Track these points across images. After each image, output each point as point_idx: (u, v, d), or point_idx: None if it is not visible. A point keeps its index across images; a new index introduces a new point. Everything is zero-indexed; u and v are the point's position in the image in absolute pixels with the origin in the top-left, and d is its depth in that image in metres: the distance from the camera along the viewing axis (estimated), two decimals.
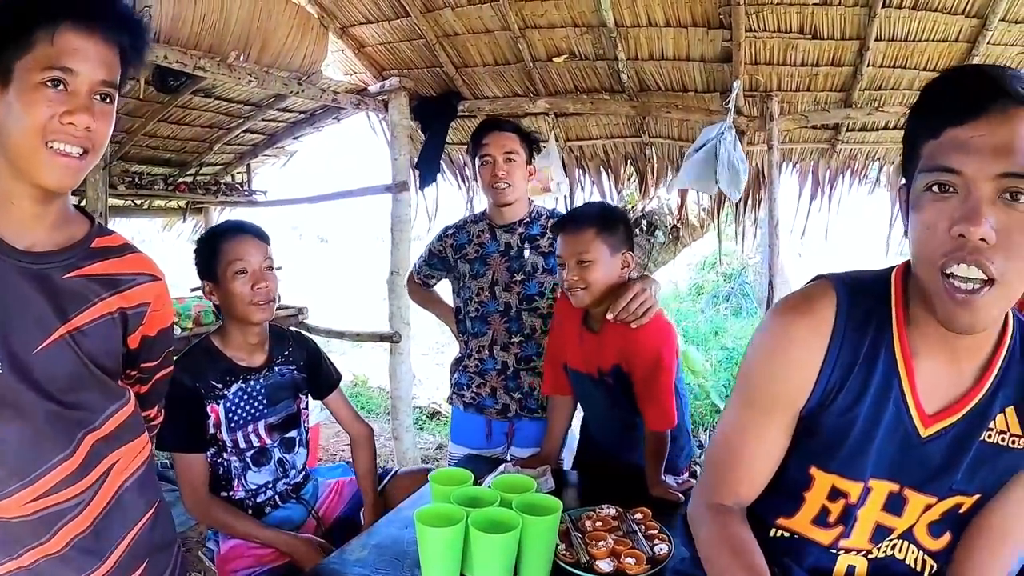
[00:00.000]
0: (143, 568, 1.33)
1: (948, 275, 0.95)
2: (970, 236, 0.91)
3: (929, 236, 0.97)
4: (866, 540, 1.15)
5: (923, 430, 1.09)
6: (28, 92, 1.09)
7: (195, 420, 2.04)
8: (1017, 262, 0.92)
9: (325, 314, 7.87)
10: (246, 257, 2.07)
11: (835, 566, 1.17)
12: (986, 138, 0.92)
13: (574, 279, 2.06)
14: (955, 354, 1.08)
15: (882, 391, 1.09)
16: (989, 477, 1.10)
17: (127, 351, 1.34)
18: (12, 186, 1.15)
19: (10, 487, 1.16)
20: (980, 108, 0.93)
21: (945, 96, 0.98)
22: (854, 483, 1.13)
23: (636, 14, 3.81)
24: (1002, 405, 1.08)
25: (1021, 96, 0.93)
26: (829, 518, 1.16)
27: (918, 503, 1.11)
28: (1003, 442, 1.08)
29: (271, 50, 4.05)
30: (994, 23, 3.42)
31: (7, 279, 1.15)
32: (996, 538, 1.11)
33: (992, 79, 0.94)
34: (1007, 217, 0.92)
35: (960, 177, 0.93)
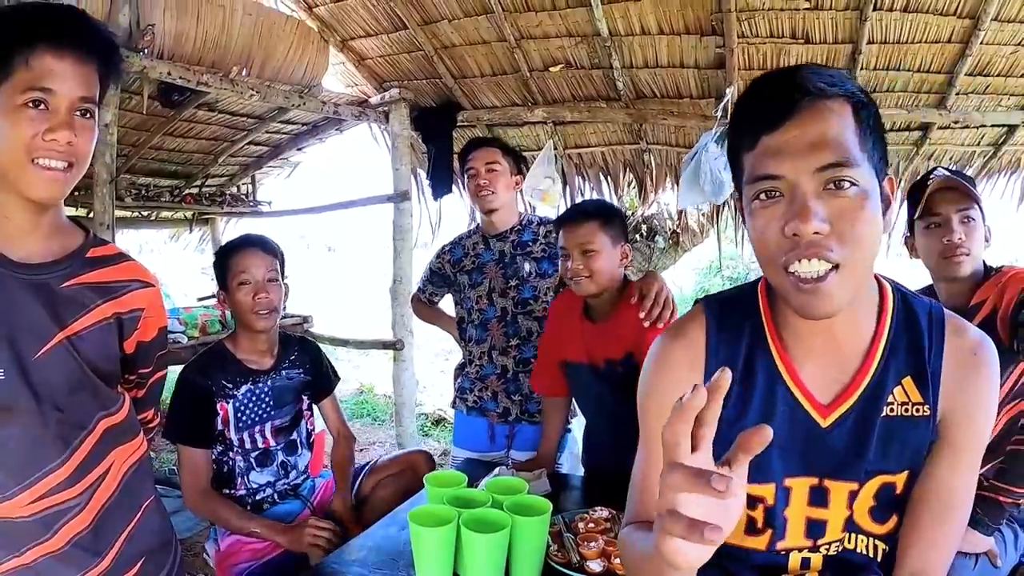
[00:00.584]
0: (140, 565, 1.38)
1: (792, 273, 0.97)
2: (803, 233, 0.94)
3: (767, 241, 0.99)
4: (802, 537, 1.16)
5: (822, 421, 1.10)
6: (11, 114, 1.15)
7: (204, 416, 2.18)
8: (854, 244, 0.95)
9: (331, 322, 7.95)
10: (249, 269, 2.22)
11: (788, 562, 1.18)
12: (799, 138, 0.95)
13: (579, 268, 2.16)
14: (834, 342, 1.10)
15: (767, 396, 1.12)
16: (906, 451, 1.11)
17: (123, 356, 1.40)
18: (4, 201, 1.22)
19: (10, 490, 1.21)
20: (788, 111, 0.96)
21: (754, 107, 1.02)
22: (764, 486, 1.14)
23: (629, 23, 3.87)
24: (897, 378, 1.10)
25: (824, 90, 0.96)
26: (757, 525, 1.17)
27: (840, 491, 1.12)
28: (907, 412, 1.10)
29: (273, 64, 4.13)
30: (986, 23, 3.45)
31: (6, 289, 1.21)
32: (938, 508, 1.11)
33: (794, 81, 0.98)
34: (836, 205, 0.95)
35: (783, 181, 0.97)
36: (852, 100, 0.98)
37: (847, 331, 1.09)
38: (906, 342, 1.11)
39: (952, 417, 1.09)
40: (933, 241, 2.00)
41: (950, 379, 1.09)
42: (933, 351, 1.10)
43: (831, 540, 1.15)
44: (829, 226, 0.94)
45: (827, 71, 1.00)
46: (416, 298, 3.17)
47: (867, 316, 1.11)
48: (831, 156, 0.94)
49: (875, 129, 1.00)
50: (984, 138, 4.24)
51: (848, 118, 0.97)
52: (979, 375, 1.09)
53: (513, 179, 2.73)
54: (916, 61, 3.81)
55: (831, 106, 0.96)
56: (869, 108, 1.00)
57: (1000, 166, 4.39)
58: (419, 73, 4.62)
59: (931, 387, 1.10)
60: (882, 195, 1.01)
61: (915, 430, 1.10)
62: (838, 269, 0.95)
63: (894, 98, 4.04)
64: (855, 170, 0.95)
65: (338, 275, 17.42)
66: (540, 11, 3.93)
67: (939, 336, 1.11)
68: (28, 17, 1.19)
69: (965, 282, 1.99)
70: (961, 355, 1.10)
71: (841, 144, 0.95)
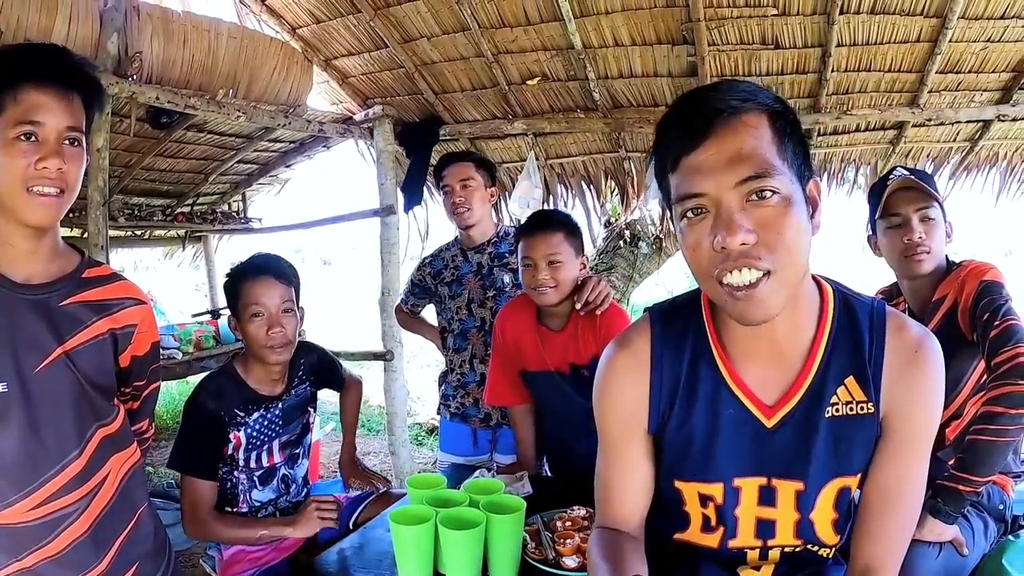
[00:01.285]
0: (135, 568, 1.48)
1: (726, 284, 1.01)
2: (730, 246, 0.98)
3: (699, 256, 1.03)
4: (752, 537, 1.20)
5: (767, 422, 1.14)
6: (6, 147, 1.26)
7: (212, 445, 2.09)
8: (781, 250, 0.99)
9: (326, 334, 8.02)
10: (262, 300, 2.08)
11: (746, 556, 1.22)
12: (717, 155, 1.00)
13: (545, 278, 2.22)
14: (775, 345, 1.13)
15: (712, 399, 1.17)
16: (857, 451, 1.13)
17: (118, 370, 1.49)
18: (5, 228, 1.32)
19: (11, 497, 1.31)
20: (704, 131, 1.00)
21: (673, 130, 1.05)
22: (713, 485, 1.18)
23: (602, 35, 3.96)
24: (839, 377, 1.13)
25: (737, 107, 1.00)
26: (711, 523, 1.21)
27: (787, 491, 1.15)
28: (851, 412, 1.12)
29: (258, 85, 4.21)
30: (953, 21, 3.51)
31: (9, 309, 1.31)
32: (885, 500, 1.13)
33: (708, 101, 1.02)
34: (760, 215, 0.99)
35: (706, 198, 1.01)
36: (768, 111, 1.02)
37: (787, 334, 1.13)
38: (847, 342, 1.14)
39: (895, 413, 1.13)
40: (894, 240, 2.04)
41: (892, 376, 1.12)
42: (874, 349, 1.14)
43: (783, 544, 1.19)
44: (755, 236, 0.98)
45: (743, 85, 1.04)
46: (399, 309, 3.26)
47: (807, 318, 1.14)
48: (749, 169, 0.98)
49: (793, 136, 1.04)
50: (960, 134, 4.31)
51: (764, 130, 1.01)
52: (921, 371, 1.12)
53: (488, 191, 2.82)
54: (886, 61, 3.88)
55: (746, 120, 1.00)
56: (786, 117, 1.04)
57: (978, 161, 4.45)
58: (401, 89, 4.70)
59: (873, 385, 1.13)
60: (808, 199, 1.05)
61: (861, 428, 1.13)
62: (769, 276, 0.99)
63: (867, 98, 4.12)
64: (775, 179, 0.99)
65: (333, 288, 17.48)
66: (515, 26, 4.01)
67: (880, 334, 1.14)
68: (14, 58, 1.30)
69: (928, 279, 2.02)
70: (903, 352, 1.13)
71: (758, 156, 0.99)
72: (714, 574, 1.23)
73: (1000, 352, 1.78)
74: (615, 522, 1.24)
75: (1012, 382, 1.73)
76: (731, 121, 1.00)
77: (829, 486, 1.15)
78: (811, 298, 1.15)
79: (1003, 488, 1.95)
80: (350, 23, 4.30)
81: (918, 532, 1.70)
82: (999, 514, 1.94)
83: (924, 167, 4.49)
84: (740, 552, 1.21)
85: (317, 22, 4.41)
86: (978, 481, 1.74)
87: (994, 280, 1.90)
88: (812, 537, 1.18)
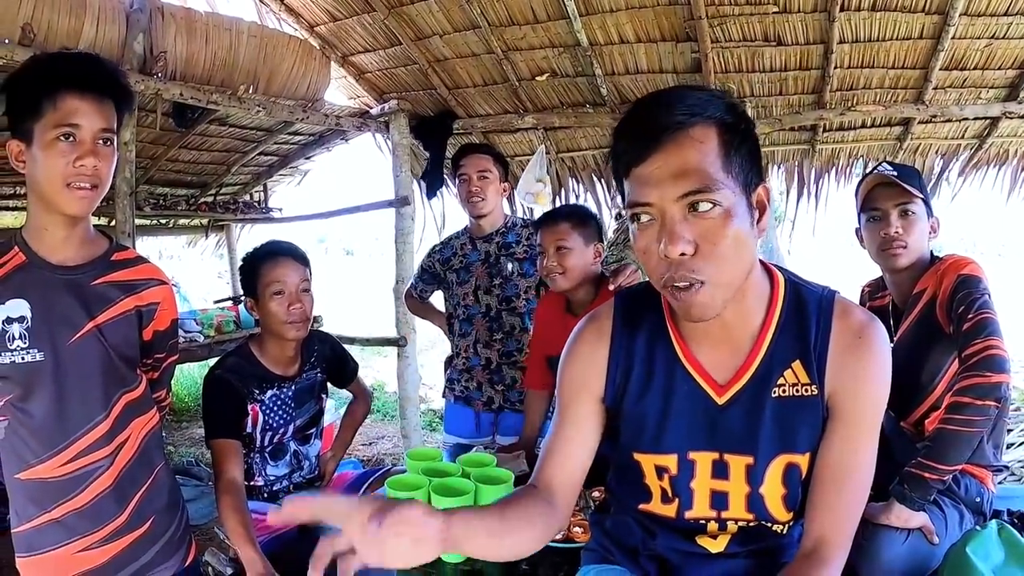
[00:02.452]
0: (152, 521, 1.65)
1: (669, 286, 1.09)
2: (671, 255, 1.05)
3: (648, 258, 1.11)
4: (707, 508, 1.26)
5: (718, 399, 1.22)
6: (47, 147, 1.43)
7: (233, 411, 2.17)
8: (716, 261, 1.06)
9: (346, 322, 8.20)
10: (283, 279, 2.19)
11: (705, 529, 1.29)
12: (663, 169, 1.05)
13: (553, 264, 2.36)
14: (725, 329, 1.20)
15: (668, 376, 1.25)
16: (802, 431, 1.19)
17: (142, 343, 1.67)
18: (44, 218, 1.51)
19: (44, 454, 1.49)
20: (652, 145, 1.06)
21: (625, 141, 1.11)
22: (668, 456, 1.25)
23: (608, 33, 4.07)
24: (786, 361, 1.19)
25: (683, 122, 1.05)
26: (668, 495, 1.28)
27: (738, 465, 1.22)
28: (797, 393, 1.18)
29: (278, 81, 4.37)
30: (955, 18, 3.56)
31: (47, 287, 1.49)
32: (835, 478, 1.18)
33: (658, 114, 1.06)
34: (700, 226, 1.05)
35: (653, 207, 1.07)
36: (717, 124, 1.07)
37: (736, 320, 1.20)
38: (794, 328, 1.20)
39: (842, 394, 1.18)
40: (873, 234, 2.07)
41: (837, 359, 1.18)
42: (820, 334, 1.19)
43: (736, 516, 1.26)
44: (694, 247, 1.04)
45: (696, 96, 1.08)
46: (408, 294, 3.41)
47: (755, 306, 1.21)
48: (692, 184, 1.04)
49: (742, 146, 1.08)
50: (968, 131, 4.33)
51: (711, 143, 1.06)
52: (865, 353, 1.18)
53: (501, 185, 2.95)
54: (890, 58, 3.93)
55: (692, 135, 1.05)
56: (736, 127, 1.08)
57: (988, 158, 4.47)
58: (415, 85, 4.84)
59: (817, 368, 1.18)
60: (756, 204, 1.12)
61: (805, 409, 1.19)
62: (704, 284, 1.06)
63: (871, 95, 4.17)
64: (716, 193, 1.04)
65: (354, 277, 17.71)
66: (524, 24, 4.13)
67: (827, 320, 1.19)
68: (54, 66, 1.47)
69: (909, 272, 2.05)
70: (847, 336, 1.18)
71: (701, 171, 1.04)
72: (671, 541, 1.32)
73: (972, 344, 1.81)
74: (543, 482, 1.29)
75: (980, 374, 1.75)
76: (677, 136, 1.05)
77: (776, 461, 1.20)
78: (759, 288, 1.21)
79: (981, 481, 1.95)
80: (365, 21, 4.44)
81: (884, 517, 1.76)
82: (976, 506, 1.94)
83: (933, 164, 4.54)
84: (698, 523, 1.29)
85: (334, 20, 4.56)
86: (944, 469, 1.75)
87: (972, 274, 1.92)
88: (763, 511, 1.24)
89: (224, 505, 1.95)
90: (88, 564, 1.55)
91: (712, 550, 1.30)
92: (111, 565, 1.58)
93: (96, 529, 1.55)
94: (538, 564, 1.72)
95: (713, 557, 1.30)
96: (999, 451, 2.02)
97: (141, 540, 1.63)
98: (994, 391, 1.73)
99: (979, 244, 35.76)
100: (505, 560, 1.21)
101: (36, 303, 1.48)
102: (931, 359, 1.99)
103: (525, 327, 2.90)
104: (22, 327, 1.46)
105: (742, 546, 1.29)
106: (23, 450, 1.50)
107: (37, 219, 1.51)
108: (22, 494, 1.52)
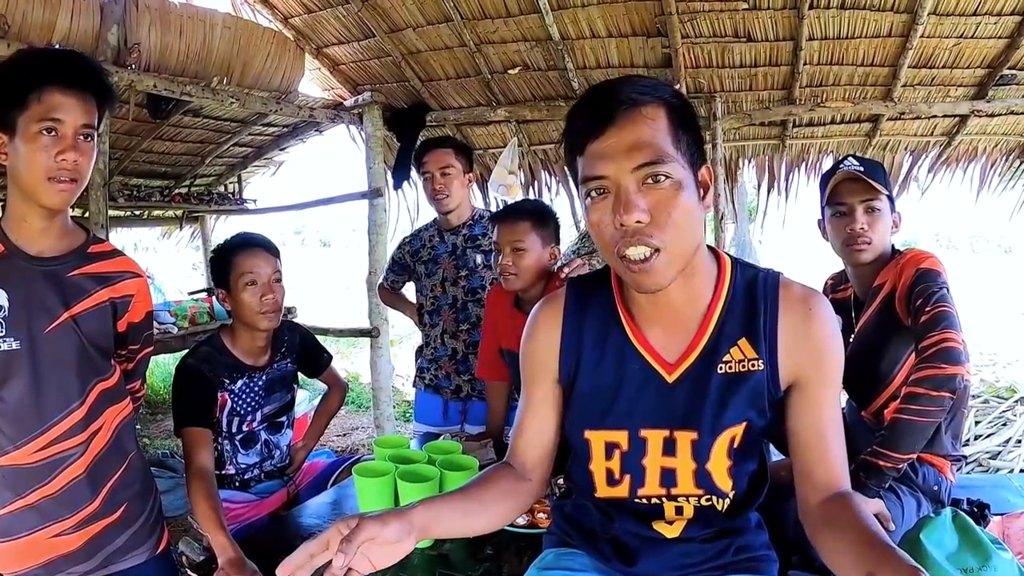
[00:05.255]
0: (125, 507, 1.68)
1: (623, 257, 1.12)
2: (627, 223, 1.09)
3: (601, 232, 1.15)
4: (657, 485, 1.28)
5: (668, 377, 1.25)
6: (30, 140, 1.46)
7: (203, 399, 2.19)
8: (671, 229, 1.10)
9: (322, 313, 8.21)
10: (256, 270, 2.22)
11: (663, 510, 1.32)
12: (618, 143, 1.10)
13: (507, 264, 2.36)
14: (673, 310, 1.25)
15: (619, 355, 1.29)
16: (743, 403, 1.23)
17: (117, 334, 1.70)
18: (24, 209, 1.53)
19: (19, 440, 1.52)
20: (607, 120, 1.11)
21: (580, 119, 1.16)
22: (618, 432, 1.28)
23: (579, 27, 4.12)
24: (733, 338, 1.23)
25: (637, 99, 1.11)
26: (615, 476, 1.30)
27: (684, 440, 1.25)
28: (742, 368, 1.23)
29: (251, 73, 4.38)
30: (923, 17, 3.64)
31: (24, 277, 1.52)
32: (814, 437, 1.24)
33: (613, 94, 1.12)
34: (653, 197, 1.10)
35: (607, 180, 1.11)
36: (665, 105, 1.13)
37: (684, 300, 1.25)
38: (741, 307, 1.24)
39: (804, 364, 1.23)
40: (838, 229, 2.09)
41: (789, 332, 1.23)
42: (768, 311, 1.23)
43: (686, 492, 1.29)
44: (649, 216, 1.09)
45: (646, 81, 1.15)
46: (381, 285, 3.44)
47: (704, 285, 1.25)
48: (645, 156, 1.09)
49: (688, 128, 1.15)
50: (937, 128, 4.44)
51: (661, 121, 1.11)
52: (817, 323, 1.23)
53: (466, 177, 2.97)
54: (859, 56, 4.02)
55: (645, 112, 1.11)
56: (682, 110, 1.15)
57: (957, 155, 4.58)
58: (389, 77, 4.87)
59: (765, 343, 1.22)
60: (700, 182, 1.18)
61: (749, 383, 1.23)
62: (659, 252, 1.10)
63: (840, 91, 4.26)
64: (668, 166, 1.09)
65: (331, 268, 17.67)
66: (496, 18, 4.18)
67: (773, 297, 1.24)
68: (39, 62, 1.50)
69: (871, 266, 2.08)
70: (796, 310, 1.23)
71: (654, 145, 1.09)
72: (628, 525, 1.35)
73: (928, 336, 1.83)
74: (512, 458, 1.38)
75: (935, 365, 1.78)
76: (631, 113, 1.11)
77: (722, 437, 1.24)
78: (707, 269, 1.25)
79: (940, 470, 1.99)
80: (339, 13, 4.46)
81: None
82: (934, 494, 1.98)
83: (903, 160, 4.64)
84: (652, 505, 1.32)
85: (308, 12, 4.57)
86: (897, 458, 1.78)
87: (931, 268, 1.95)
88: (711, 485, 1.26)
89: (195, 491, 1.97)
90: (63, 548, 1.58)
91: (668, 535, 1.33)
92: (85, 549, 1.61)
93: (70, 515, 1.58)
94: (503, 548, 1.77)
95: (669, 542, 1.33)
96: (958, 441, 2.06)
97: (114, 525, 1.66)
98: (948, 383, 1.77)
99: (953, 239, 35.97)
100: (485, 532, 1.30)
101: (13, 293, 1.50)
102: (890, 350, 2.03)
103: None
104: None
105: (698, 532, 1.33)
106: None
107: (16, 210, 1.54)
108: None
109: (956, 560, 1.55)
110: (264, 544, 1.88)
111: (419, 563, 1.74)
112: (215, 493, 1.98)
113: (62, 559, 1.59)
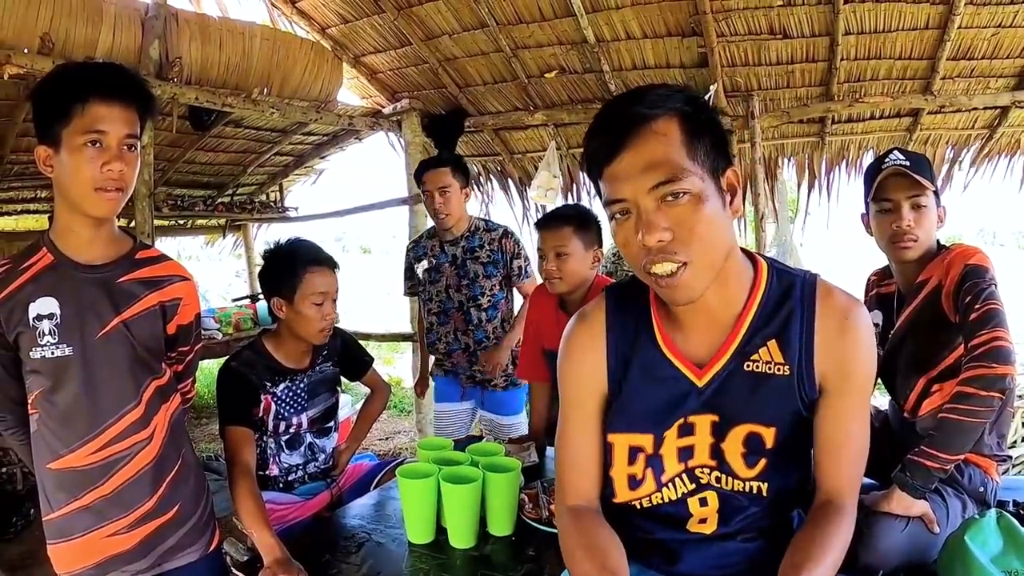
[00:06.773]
0: (179, 506, 1.71)
1: (652, 274, 1.14)
2: (649, 243, 1.10)
3: (629, 250, 1.16)
4: (675, 462, 1.29)
5: (699, 382, 1.25)
6: (75, 152, 1.49)
7: (245, 399, 2.21)
8: (695, 243, 1.11)
9: (364, 318, 8.29)
10: (327, 290, 2.25)
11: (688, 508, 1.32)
12: (632, 165, 1.11)
13: (552, 269, 2.40)
14: (708, 314, 1.24)
15: (652, 364, 1.29)
16: (769, 404, 1.23)
17: (166, 337, 1.73)
18: (71, 219, 1.57)
19: (75, 443, 1.56)
20: (620, 144, 1.12)
21: (595, 143, 1.16)
22: (644, 436, 1.29)
23: (614, 29, 4.12)
24: (764, 340, 1.23)
25: (646, 115, 1.11)
26: (638, 478, 1.31)
27: (703, 422, 1.26)
28: (769, 370, 1.22)
29: (291, 83, 4.47)
30: (960, 7, 3.57)
31: (76, 285, 1.56)
32: (835, 444, 1.24)
33: (623, 111, 1.13)
34: (674, 214, 1.10)
35: (627, 202, 1.12)
36: (678, 115, 1.12)
37: (719, 305, 1.24)
38: (777, 311, 1.23)
39: (835, 372, 1.22)
40: (883, 225, 2.04)
41: (826, 338, 1.21)
42: (804, 317, 1.22)
43: (703, 464, 1.28)
44: (671, 233, 1.10)
45: (657, 92, 1.14)
46: (420, 316, 3.62)
47: (739, 290, 1.24)
48: (661, 175, 1.09)
49: (706, 134, 1.13)
50: (978, 121, 4.33)
51: (674, 134, 1.11)
52: (853, 335, 1.21)
53: (463, 192, 3.10)
54: (896, 49, 3.94)
55: (656, 128, 1.10)
56: (697, 116, 1.13)
57: (999, 148, 4.46)
58: (427, 84, 4.92)
59: (800, 347, 1.21)
60: (727, 187, 1.17)
61: (773, 386, 1.22)
62: (686, 266, 1.11)
63: (878, 86, 4.18)
64: (685, 181, 1.09)
65: (371, 275, 17.85)
66: (531, 22, 4.19)
67: (810, 302, 1.22)
68: (82, 75, 1.54)
69: (916, 262, 2.03)
70: (834, 318, 1.21)
71: (668, 162, 1.09)
72: (664, 530, 1.35)
73: (978, 335, 1.79)
74: (578, 497, 1.33)
75: (986, 364, 1.74)
76: (642, 132, 1.11)
77: (740, 427, 1.24)
78: (742, 273, 1.24)
79: (986, 471, 1.94)
80: (376, 22, 4.53)
81: (886, 504, 1.76)
82: (980, 496, 1.93)
83: (944, 154, 4.53)
84: (679, 507, 1.31)
85: (345, 22, 4.65)
86: (946, 459, 1.74)
87: (980, 264, 1.90)
88: (724, 463, 1.27)
89: (238, 490, 1.98)
90: (118, 548, 1.62)
91: (706, 532, 1.33)
92: (139, 548, 1.64)
93: (125, 514, 1.62)
94: (543, 549, 1.78)
95: (708, 540, 1.33)
96: (1003, 441, 2.01)
97: (169, 523, 1.69)
98: (998, 382, 1.73)
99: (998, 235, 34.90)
100: None
101: (65, 301, 1.55)
102: (931, 347, 1.99)
103: (490, 318, 3.15)
104: (52, 323, 1.53)
105: (733, 528, 1.32)
106: (53, 441, 1.57)
107: (64, 221, 1.58)
108: (53, 483, 1.59)
109: (1000, 562, 1.52)
110: (308, 544, 1.90)
111: (461, 564, 1.75)
112: (258, 492, 2.00)
113: (116, 558, 1.62)
